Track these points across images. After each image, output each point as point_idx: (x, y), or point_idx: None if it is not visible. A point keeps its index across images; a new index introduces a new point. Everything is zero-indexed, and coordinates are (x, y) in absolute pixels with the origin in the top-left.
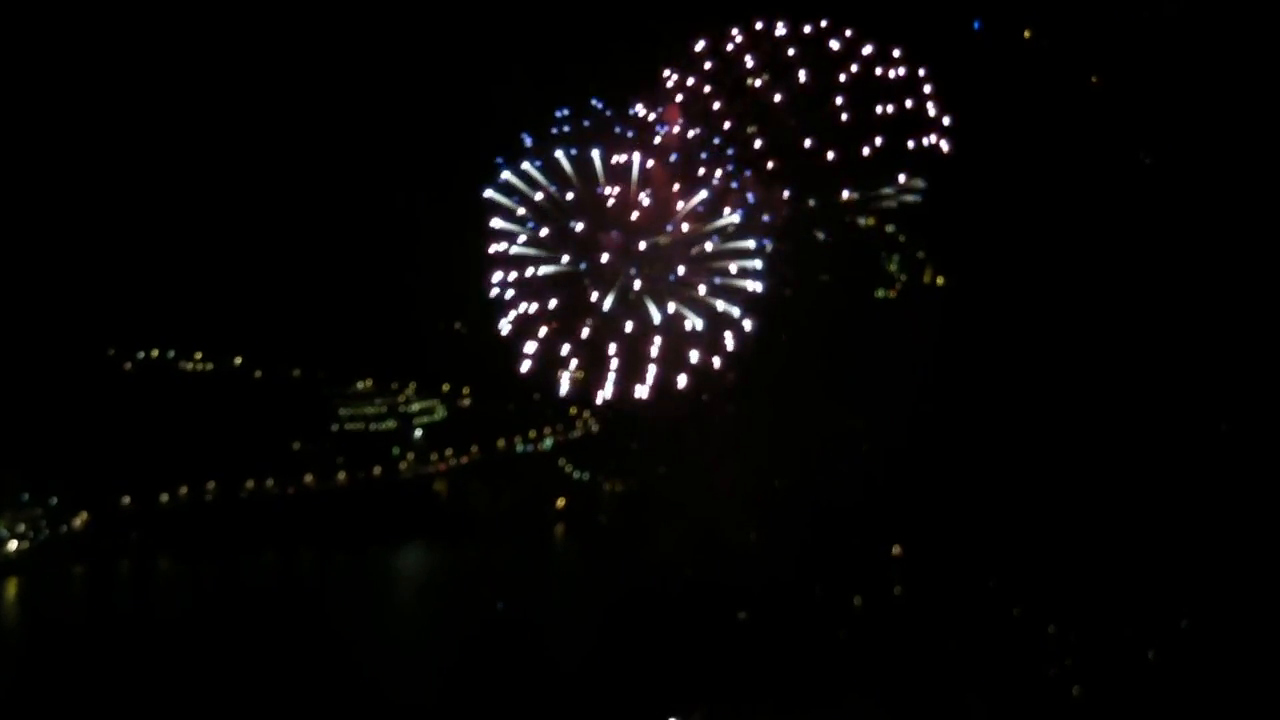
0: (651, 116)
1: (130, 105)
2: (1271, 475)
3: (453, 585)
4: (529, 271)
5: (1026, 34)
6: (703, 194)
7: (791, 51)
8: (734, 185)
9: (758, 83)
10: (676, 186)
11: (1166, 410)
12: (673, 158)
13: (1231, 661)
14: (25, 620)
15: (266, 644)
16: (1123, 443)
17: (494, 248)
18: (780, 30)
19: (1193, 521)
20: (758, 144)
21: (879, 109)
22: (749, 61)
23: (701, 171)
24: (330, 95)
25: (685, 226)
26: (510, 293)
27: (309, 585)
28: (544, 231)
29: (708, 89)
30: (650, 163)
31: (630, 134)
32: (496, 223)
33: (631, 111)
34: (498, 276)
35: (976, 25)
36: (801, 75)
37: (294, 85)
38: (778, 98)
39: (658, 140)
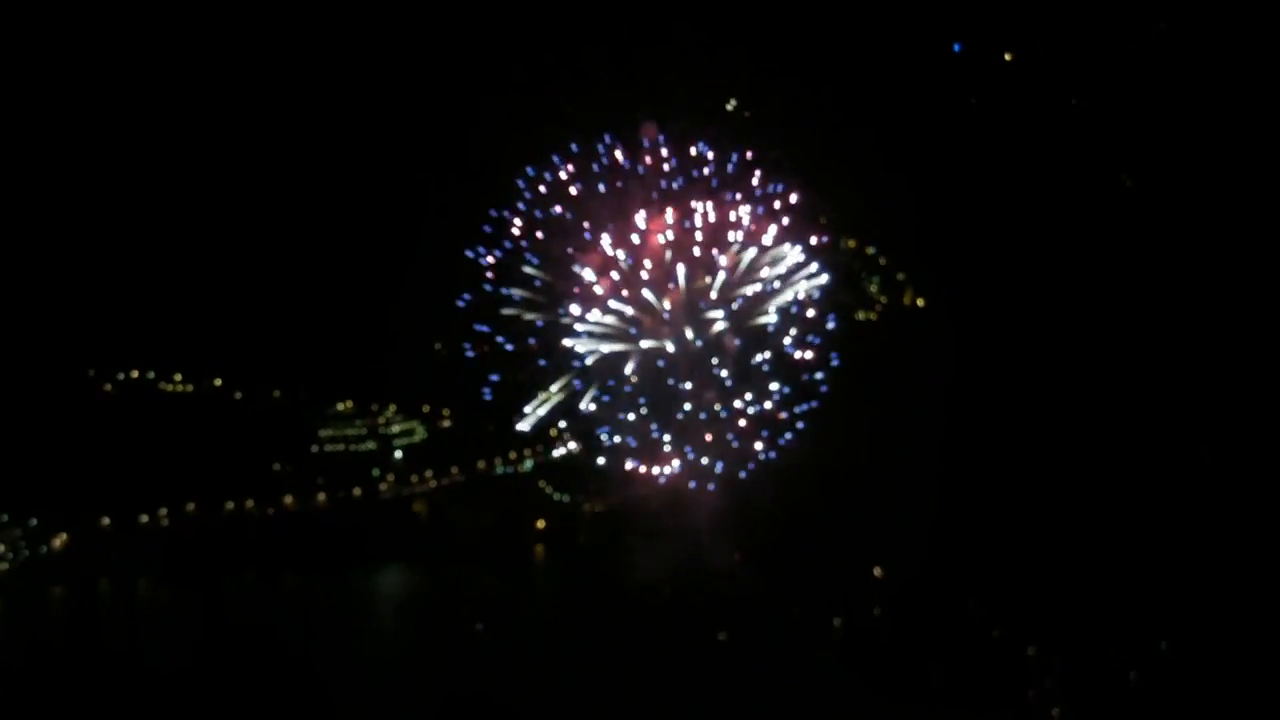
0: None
1: (114, 122)
2: (1253, 501)
3: (432, 606)
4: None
5: (1007, 56)
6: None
7: None
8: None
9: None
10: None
11: (1147, 431)
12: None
13: (1213, 684)
14: (4, 641)
15: (246, 665)
16: (1104, 463)
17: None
18: None
19: (1175, 544)
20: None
21: None
22: None
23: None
24: (308, 115)
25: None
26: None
27: (289, 606)
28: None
29: None
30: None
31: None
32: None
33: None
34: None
35: (956, 48)
36: None
37: (271, 105)
38: None
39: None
